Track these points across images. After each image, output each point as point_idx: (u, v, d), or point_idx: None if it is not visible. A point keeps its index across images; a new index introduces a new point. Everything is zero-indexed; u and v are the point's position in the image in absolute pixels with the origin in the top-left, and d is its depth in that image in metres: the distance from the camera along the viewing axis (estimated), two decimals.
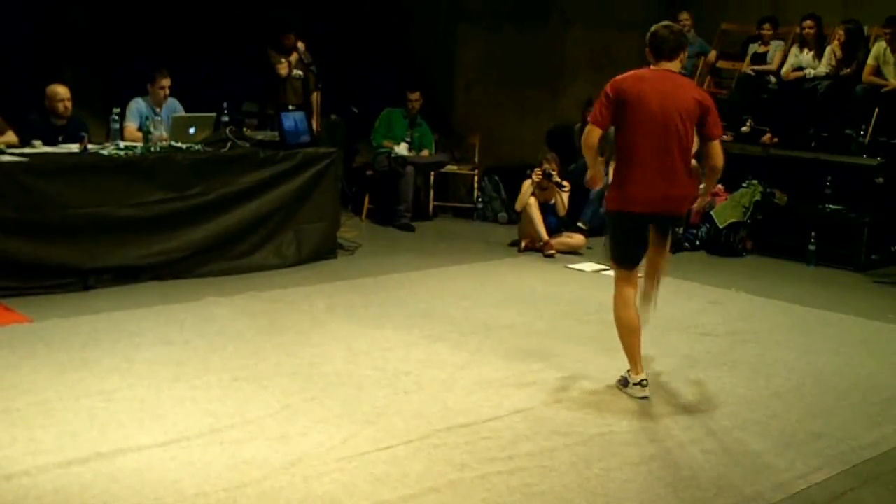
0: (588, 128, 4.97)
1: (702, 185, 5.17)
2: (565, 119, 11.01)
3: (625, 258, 5.06)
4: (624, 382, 5.09)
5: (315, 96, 9.52)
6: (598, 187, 5.92)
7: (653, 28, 5.10)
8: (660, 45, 4.99)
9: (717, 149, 4.98)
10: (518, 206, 8.85)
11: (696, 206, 5.36)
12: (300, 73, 9.38)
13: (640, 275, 5.19)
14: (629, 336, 5.06)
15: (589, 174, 5.34)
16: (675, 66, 4.99)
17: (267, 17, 9.77)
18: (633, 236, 5.01)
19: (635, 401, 4.99)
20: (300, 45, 9.35)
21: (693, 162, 5.09)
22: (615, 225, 5.09)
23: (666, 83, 4.90)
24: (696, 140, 5.04)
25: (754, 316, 6.72)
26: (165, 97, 8.16)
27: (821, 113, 9.69)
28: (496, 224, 10.28)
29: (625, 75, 4.99)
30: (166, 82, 8.13)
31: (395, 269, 7.81)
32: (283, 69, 9.20)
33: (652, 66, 5.01)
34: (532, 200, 8.71)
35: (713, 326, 6.45)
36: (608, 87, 4.93)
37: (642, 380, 5.00)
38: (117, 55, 9.82)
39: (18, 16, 9.49)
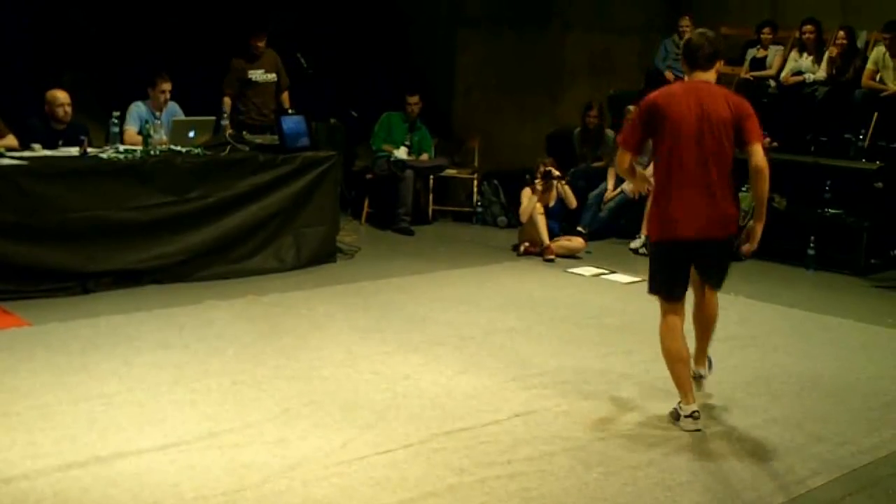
0: (619, 153, 4.82)
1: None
2: (565, 123, 11.02)
3: (669, 291, 4.78)
4: (675, 416, 4.75)
5: (285, 96, 9.48)
6: (646, 190, 5.56)
7: (686, 36, 4.89)
8: (694, 53, 4.73)
9: (757, 150, 4.66)
10: (524, 217, 8.79)
11: (745, 248, 4.92)
12: (273, 76, 9.36)
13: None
14: (677, 366, 4.77)
15: (631, 186, 5.15)
16: (710, 76, 4.72)
17: (239, 20, 9.73)
18: (676, 266, 4.74)
19: (633, 406, 4.98)
20: (268, 49, 9.34)
21: None
22: (658, 256, 4.83)
23: (700, 97, 4.63)
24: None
25: (753, 320, 6.72)
26: (166, 101, 8.17)
27: (820, 117, 9.70)
28: (495, 228, 10.27)
29: (656, 93, 4.76)
30: (167, 86, 8.14)
31: (394, 273, 7.81)
32: (253, 75, 9.22)
33: (686, 79, 4.82)
34: (538, 206, 8.72)
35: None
36: (638, 108, 4.75)
37: (693, 412, 4.68)
38: (117, 59, 9.82)
39: (18, 20, 9.49)
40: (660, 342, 4.82)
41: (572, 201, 8.93)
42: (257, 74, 9.28)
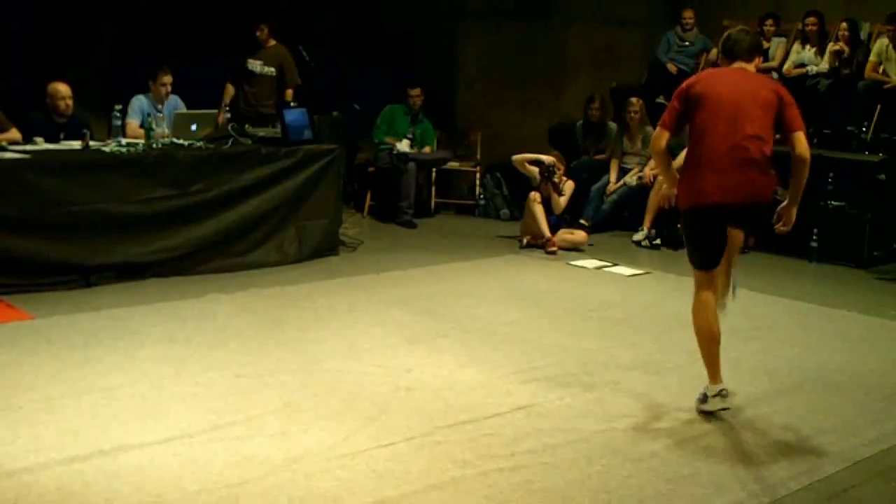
0: (657, 131, 4.76)
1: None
2: (567, 116, 11.02)
3: (703, 259, 4.73)
4: (703, 398, 4.74)
5: (289, 93, 9.43)
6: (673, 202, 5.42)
7: (727, 32, 4.89)
8: (733, 45, 4.76)
9: (801, 139, 4.63)
10: (515, 159, 8.85)
11: (781, 225, 4.76)
12: (272, 69, 9.34)
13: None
14: (708, 344, 4.73)
15: (664, 189, 5.00)
16: (750, 67, 4.75)
17: (241, 12, 9.71)
18: (710, 234, 4.69)
19: (636, 398, 4.98)
20: (273, 43, 9.31)
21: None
22: (690, 224, 4.76)
23: (740, 75, 4.69)
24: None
25: (756, 313, 6.71)
26: (167, 94, 8.17)
27: (823, 110, 9.68)
28: (498, 221, 10.27)
29: (699, 74, 4.77)
30: (168, 79, 8.14)
31: (396, 265, 7.81)
32: (254, 66, 9.20)
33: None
34: (535, 196, 8.70)
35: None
36: (677, 91, 4.72)
37: (721, 390, 4.68)
38: (119, 52, 9.83)
39: (20, 14, 9.49)
40: (692, 318, 4.77)
41: (558, 209, 8.81)
42: (256, 65, 9.27)
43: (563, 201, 8.80)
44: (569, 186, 8.94)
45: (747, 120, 4.58)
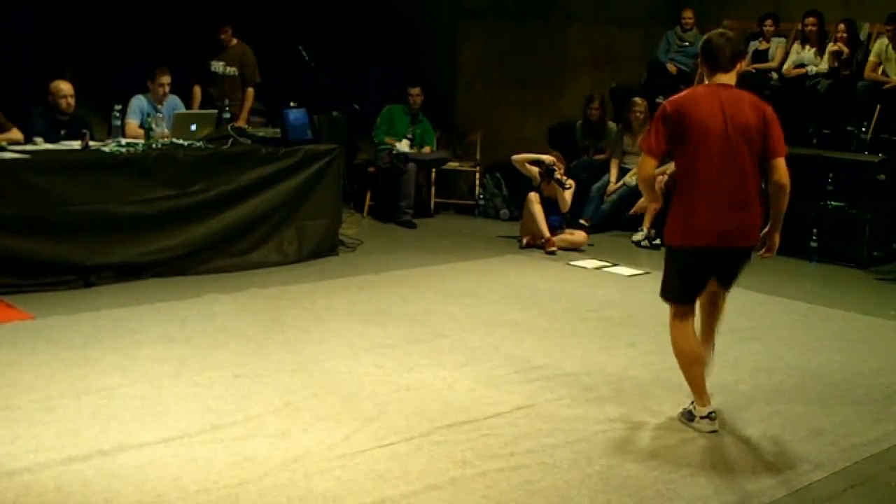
0: (642, 159, 4.63)
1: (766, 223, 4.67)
2: (567, 116, 11.01)
3: (682, 296, 4.65)
4: (689, 416, 4.65)
5: (249, 92, 9.31)
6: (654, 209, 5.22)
7: (705, 36, 4.68)
8: (715, 54, 4.54)
9: (780, 165, 4.52)
10: (515, 159, 8.85)
11: (765, 251, 4.68)
12: (234, 69, 9.22)
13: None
14: (691, 367, 4.62)
15: (642, 201, 4.92)
16: (731, 78, 4.56)
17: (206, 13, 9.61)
18: (695, 273, 4.60)
19: (636, 398, 4.98)
20: (235, 42, 9.21)
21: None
22: (676, 260, 4.66)
23: (725, 100, 4.49)
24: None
25: (756, 313, 6.71)
26: (165, 94, 8.18)
27: (822, 110, 9.68)
28: (498, 221, 10.27)
29: (678, 96, 4.61)
30: (166, 79, 8.15)
31: (396, 266, 7.81)
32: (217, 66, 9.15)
33: (706, 82, 4.64)
34: (534, 196, 8.71)
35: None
36: (661, 112, 4.57)
37: (710, 412, 4.58)
38: (119, 52, 9.83)
39: (20, 14, 9.49)
40: (672, 344, 4.69)
41: (564, 206, 8.82)
42: (218, 66, 9.14)
43: (568, 195, 8.78)
44: (570, 184, 8.93)
45: (737, 154, 4.46)
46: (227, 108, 8.23)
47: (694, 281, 4.62)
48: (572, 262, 8.23)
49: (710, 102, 4.49)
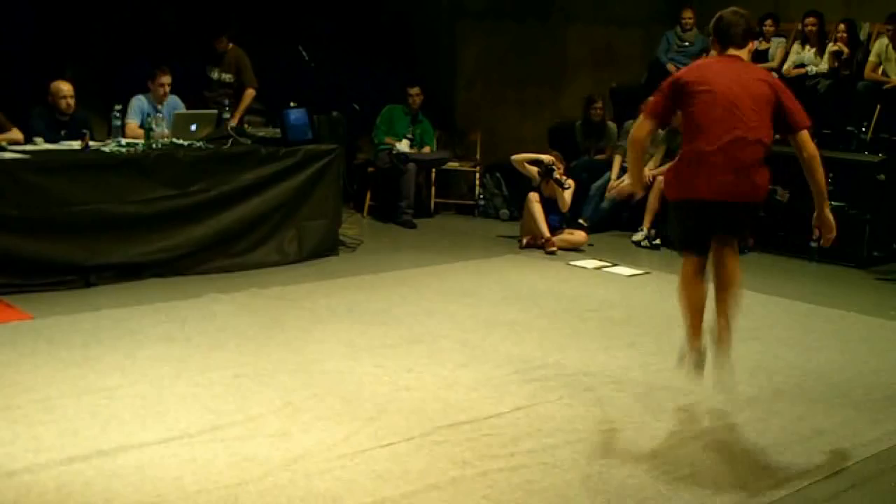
0: (639, 119, 4.60)
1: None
2: (567, 116, 11.01)
3: (690, 241, 4.68)
4: (681, 355, 4.73)
5: (248, 93, 9.17)
6: (636, 196, 5.24)
7: (718, 14, 4.65)
8: (727, 29, 4.54)
9: (805, 138, 4.47)
10: (514, 159, 8.85)
11: (827, 234, 4.70)
12: (230, 75, 9.11)
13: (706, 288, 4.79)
14: (689, 312, 4.67)
15: (625, 179, 4.83)
16: (744, 54, 4.55)
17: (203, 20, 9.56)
18: (699, 222, 4.60)
19: (636, 398, 4.97)
20: (230, 48, 9.12)
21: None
22: (678, 213, 4.70)
23: (733, 66, 4.49)
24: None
25: (756, 313, 6.70)
26: (165, 94, 8.17)
27: (822, 110, 9.66)
28: (498, 221, 10.27)
29: (690, 65, 4.60)
30: (166, 79, 8.14)
31: (396, 266, 7.81)
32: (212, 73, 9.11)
33: (716, 55, 4.63)
34: (534, 196, 8.71)
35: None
36: (671, 78, 4.56)
37: (699, 348, 4.63)
38: (119, 52, 9.82)
39: (21, 14, 9.49)
40: (677, 292, 4.73)
41: (564, 206, 8.82)
42: (214, 72, 9.10)
43: (567, 195, 8.78)
44: (570, 184, 8.93)
45: (743, 117, 4.44)
46: (228, 108, 8.22)
47: (695, 230, 4.63)
48: (572, 262, 8.23)
49: (718, 67, 4.51)
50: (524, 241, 8.83)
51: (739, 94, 4.45)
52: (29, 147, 6.89)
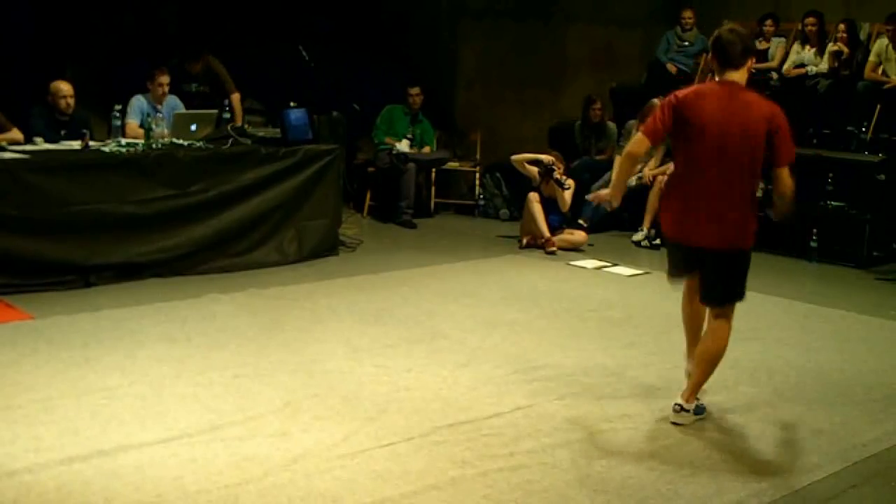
0: (637, 137, 4.63)
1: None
2: (567, 116, 11.01)
3: (671, 271, 4.88)
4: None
5: (235, 97, 9.13)
6: (610, 205, 5.28)
7: (716, 32, 4.63)
8: (725, 50, 4.50)
9: (783, 176, 4.49)
10: (514, 159, 8.85)
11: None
12: (207, 88, 9.09)
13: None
14: (685, 330, 4.98)
15: (605, 192, 4.93)
16: (741, 75, 4.52)
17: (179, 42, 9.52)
18: (687, 263, 4.74)
19: (635, 398, 4.97)
20: (198, 67, 9.10)
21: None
22: (669, 247, 4.93)
23: (731, 101, 4.47)
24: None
25: (755, 313, 6.69)
26: (164, 94, 8.17)
27: (822, 110, 9.68)
28: (498, 221, 10.27)
29: (686, 90, 4.60)
30: (165, 79, 8.14)
31: (396, 266, 7.81)
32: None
33: (716, 78, 4.61)
34: (534, 196, 8.71)
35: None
36: (667, 101, 4.58)
37: (687, 370, 4.87)
38: (119, 53, 9.82)
39: (20, 14, 9.49)
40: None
41: (564, 206, 8.81)
42: (192, 87, 9.08)
43: (567, 195, 8.77)
44: (570, 184, 8.92)
45: (731, 160, 4.45)
46: (227, 108, 8.23)
47: (683, 266, 4.80)
48: (572, 262, 8.23)
49: (716, 103, 4.48)
50: (524, 241, 8.83)
51: (732, 132, 4.43)
52: (29, 147, 6.88)
